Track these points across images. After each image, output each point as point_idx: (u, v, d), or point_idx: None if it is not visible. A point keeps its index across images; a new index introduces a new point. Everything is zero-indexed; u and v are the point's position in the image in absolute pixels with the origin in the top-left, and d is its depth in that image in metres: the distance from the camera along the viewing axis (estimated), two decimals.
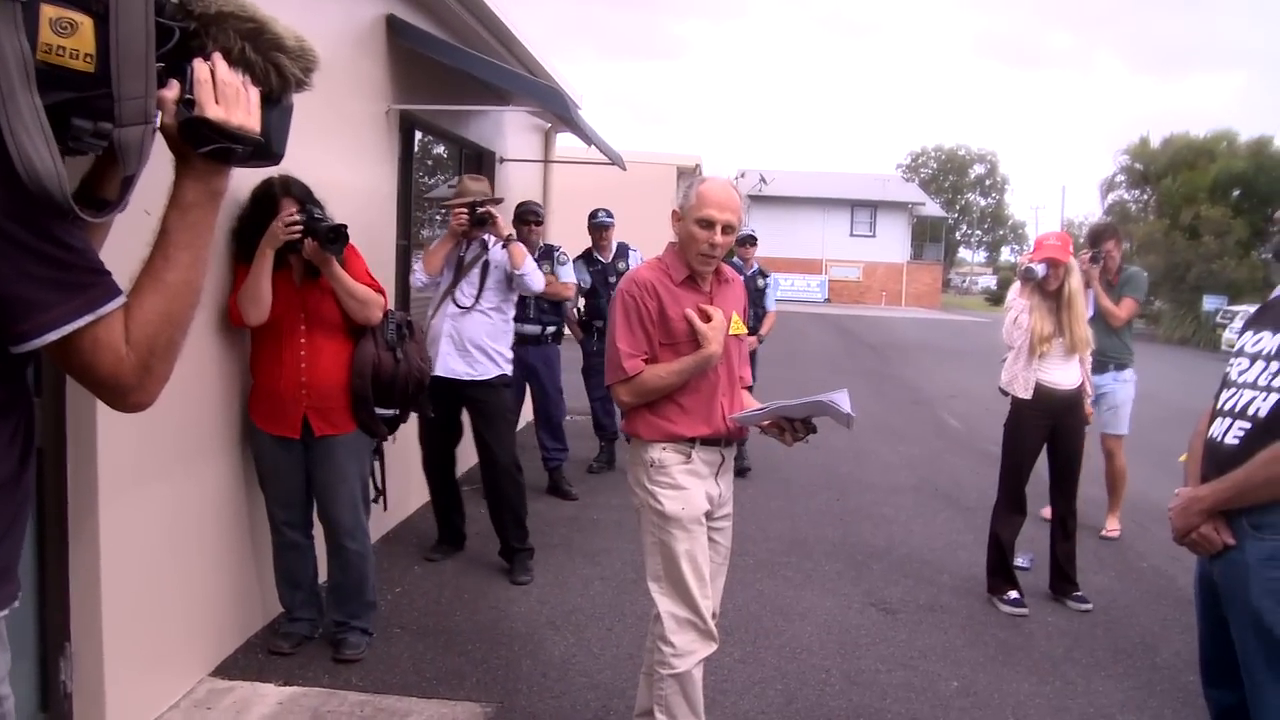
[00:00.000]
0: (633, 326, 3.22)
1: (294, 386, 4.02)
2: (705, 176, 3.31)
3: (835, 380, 13.96)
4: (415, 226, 6.81)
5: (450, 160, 7.78)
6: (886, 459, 9.20)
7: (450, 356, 5.40)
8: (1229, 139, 34.86)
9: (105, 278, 1.35)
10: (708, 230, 3.17)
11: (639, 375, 3.20)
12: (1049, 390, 5.29)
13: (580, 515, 6.68)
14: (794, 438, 3.20)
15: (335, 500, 4.16)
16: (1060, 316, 5.26)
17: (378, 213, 5.60)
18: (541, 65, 8.09)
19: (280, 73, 1.48)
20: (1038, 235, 5.53)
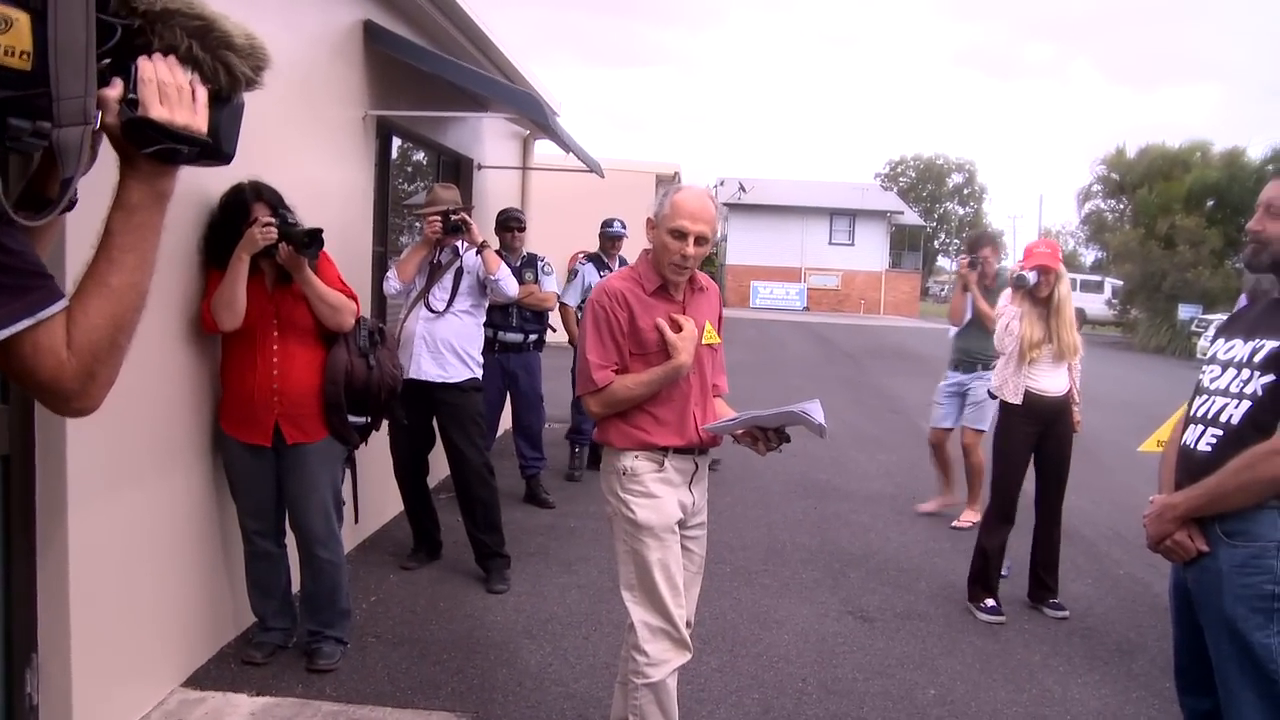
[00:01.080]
0: (603, 337, 3.21)
1: (266, 393, 3.99)
2: (681, 185, 3.32)
3: (813, 389, 14.01)
4: (392, 233, 6.78)
5: (429, 167, 7.76)
6: (864, 467, 9.21)
7: (423, 358, 5.42)
8: (1203, 150, 35.12)
9: (46, 281, 1.32)
10: (680, 241, 3.16)
11: (609, 387, 3.20)
12: (1037, 397, 5.36)
13: (557, 524, 6.66)
14: (767, 447, 3.20)
15: (307, 509, 4.12)
16: (1050, 323, 5.35)
17: (354, 219, 5.58)
18: (519, 72, 8.09)
19: (230, 71, 1.45)
20: (1027, 244, 5.71)
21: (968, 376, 7.03)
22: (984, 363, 6.89)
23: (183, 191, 3.69)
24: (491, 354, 6.95)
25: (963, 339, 7.10)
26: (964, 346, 7.08)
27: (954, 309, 7.12)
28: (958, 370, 7.14)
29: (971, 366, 7.02)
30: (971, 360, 7.00)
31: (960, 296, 7.07)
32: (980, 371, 6.93)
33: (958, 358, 7.14)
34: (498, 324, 6.91)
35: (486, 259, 5.45)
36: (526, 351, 7.09)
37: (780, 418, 3.09)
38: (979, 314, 6.87)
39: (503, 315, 6.92)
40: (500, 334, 6.94)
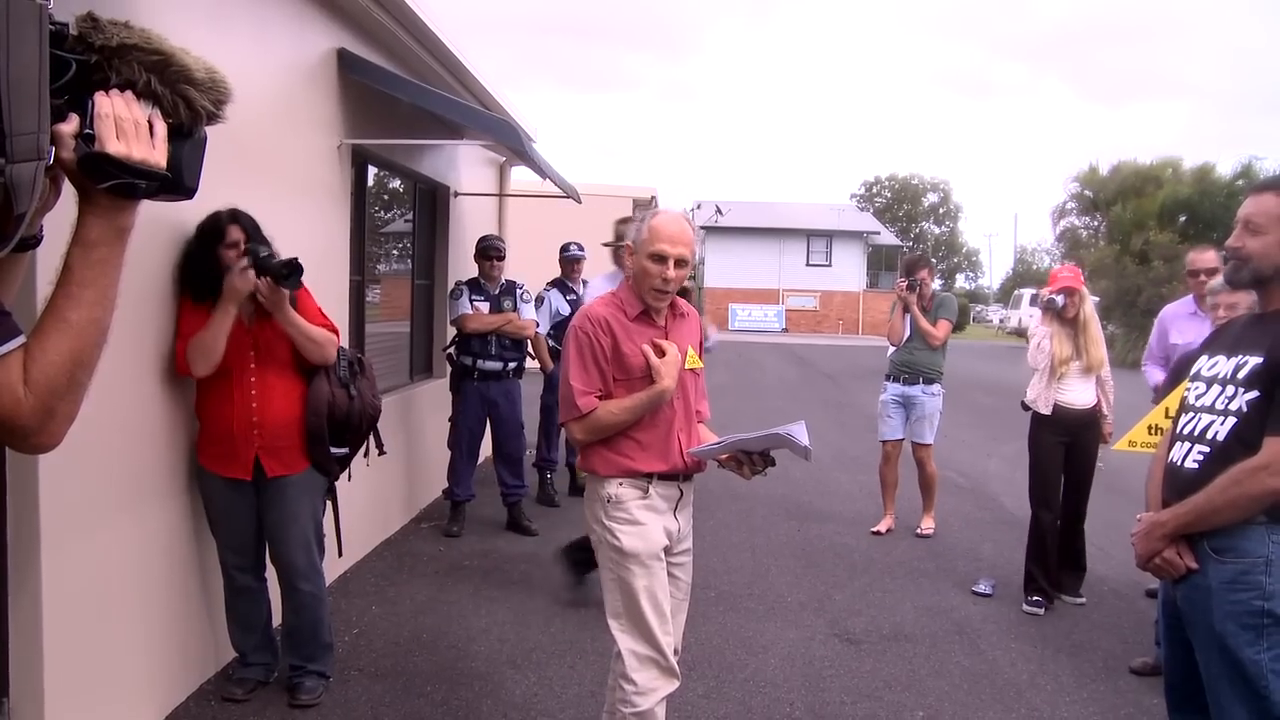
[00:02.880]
0: (586, 363, 3.22)
1: (245, 427, 3.95)
2: (657, 210, 3.34)
3: (794, 410, 13.99)
4: (370, 261, 6.75)
5: (405, 194, 7.74)
6: (847, 489, 9.21)
7: None
8: (1174, 166, 35.71)
9: (3, 319, 1.31)
10: (660, 265, 3.18)
11: (592, 413, 3.20)
12: (1065, 409, 5.81)
13: (540, 551, 6.61)
14: (752, 471, 3.20)
15: (288, 541, 4.07)
16: (1078, 340, 5.82)
17: (331, 248, 5.55)
18: (495, 98, 8.10)
19: (190, 105, 1.43)
20: (1052, 270, 6.24)
21: (911, 388, 7.31)
22: (927, 376, 7.28)
23: (158, 221, 3.69)
24: (471, 382, 6.95)
25: (905, 354, 7.37)
26: (907, 360, 7.35)
27: (893, 330, 7.42)
28: (898, 381, 7.39)
29: (914, 380, 7.30)
30: (914, 373, 7.29)
31: (900, 318, 7.35)
32: (923, 385, 7.28)
33: (899, 371, 7.40)
34: (477, 352, 6.93)
35: None
36: (506, 379, 7.08)
37: (765, 440, 3.09)
38: (920, 331, 7.22)
39: (481, 344, 6.92)
40: (479, 362, 6.94)
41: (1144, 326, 31.46)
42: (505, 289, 7.09)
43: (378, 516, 6.58)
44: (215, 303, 3.86)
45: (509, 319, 6.96)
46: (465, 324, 6.90)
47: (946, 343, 7.31)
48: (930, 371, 7.27)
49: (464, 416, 7.04)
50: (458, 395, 7.08)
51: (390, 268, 7.78)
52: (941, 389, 7.35)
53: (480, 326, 6.89)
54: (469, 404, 7.01)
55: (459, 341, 7.04)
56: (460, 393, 7.05)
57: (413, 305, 7.79)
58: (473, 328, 6.89)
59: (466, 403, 7.01)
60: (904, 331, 7.31)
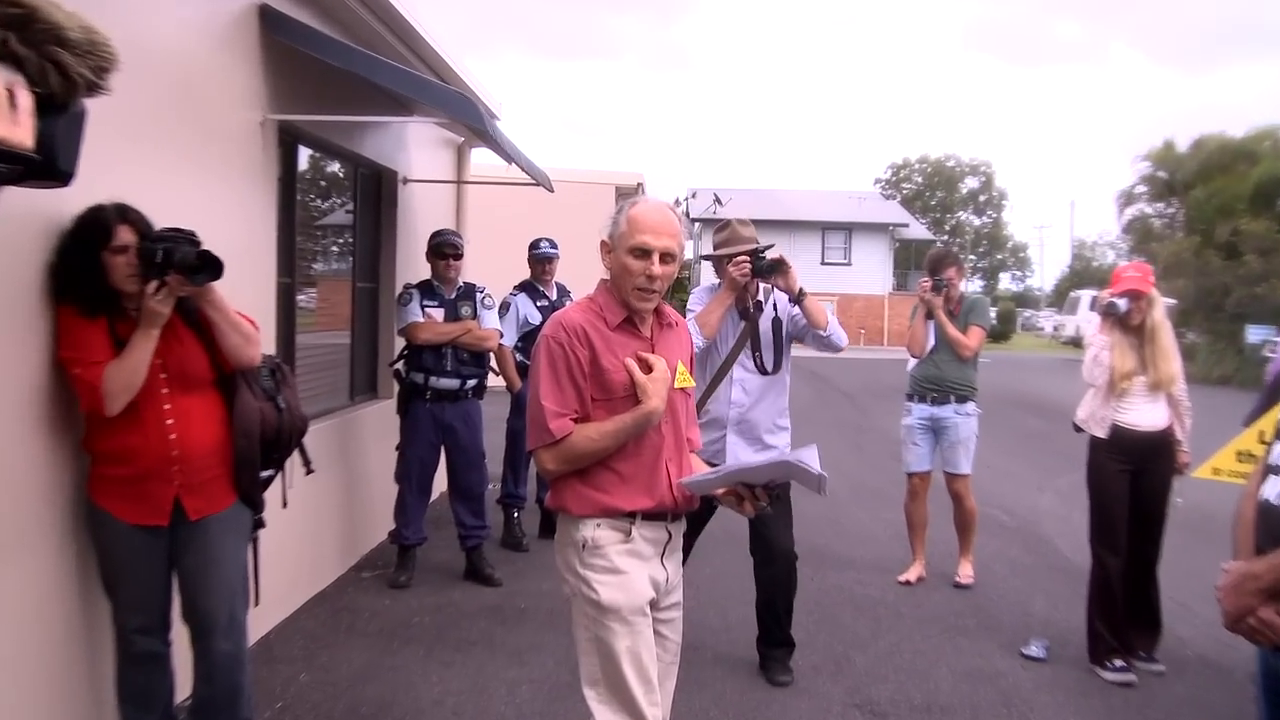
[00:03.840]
0: (560, 380, 3.21)
1: (162, 463, 3.83)
2: (637, 199, 3.35)
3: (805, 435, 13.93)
4: (303, 260, 6.73)
5: (345, 180, 7.73)
6: (869, 528, 9.21)
7: (740, 449, 5.54)
8: (1272, 137, 33.39)
9: None
10: (643, 260, 3.19)
11: (566, 438, 3.19)
12: (1127, 431, 5.76)
13: (504, 604, 6.58)
14: (755, 506, 3.18)
15: (209, 589, 4.00)
16: (1144, 352, 5.76)
17: (252, 245, 5.51)
18: (451, 68, 8.09)
19: (63, 72, 1.37)
20: (1115, 270, 6.16)
21: (940, 409, 7.28)
22: (959, 394, 7.25)
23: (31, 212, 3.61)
24: (422, 403, 6.93)
25: (929, 368, 7.33)
26: (933, 375, 7.30)
27: (914, 338, 7.37)
28: (924, 401, 7.35)
29: (943, 398, 7.26)
30: (942, 390, 7.26)
31: (922, 324, 7.33)
32: (955, 405, 7.26)
33: (924, 388, 7.35)
34: (429, 368, 6.90)
35: (811, 310, 5.52)
36: (464, 400, 7.05)
37: (770, 470, 3.08)
38: (948, 341, 7.20)
39: (435, 358, 6.90)
40: (432, 380, 6.91)
41: (1232, 334, 30.38)
42: (463, 293, 7.08)
43: (309, 564, 6.54)
44: (111, 317, 3.78)
45: (467, 328, 6.94)
46: (415, 334, 6.88)
47: (979, 354, 7.31)
48: (962, 388, 7.24)
49: (414, 444, 7.01)
50: (407, 419, 7.05)
51: (327, 268, 7.75)
52: (977, 409, 7.34)
53: (433, 337, 6.87)
54: (420, 429, 6.98)
55: (408, 355, 7.01)
56: (410, 416, 7.02)
57: (354, 312, 7.77)
58: (424, 338, 6.86)
59: (417, 428, 6.98)
60: (928, 341, 7.29)
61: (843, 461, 12.59)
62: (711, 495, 3.28)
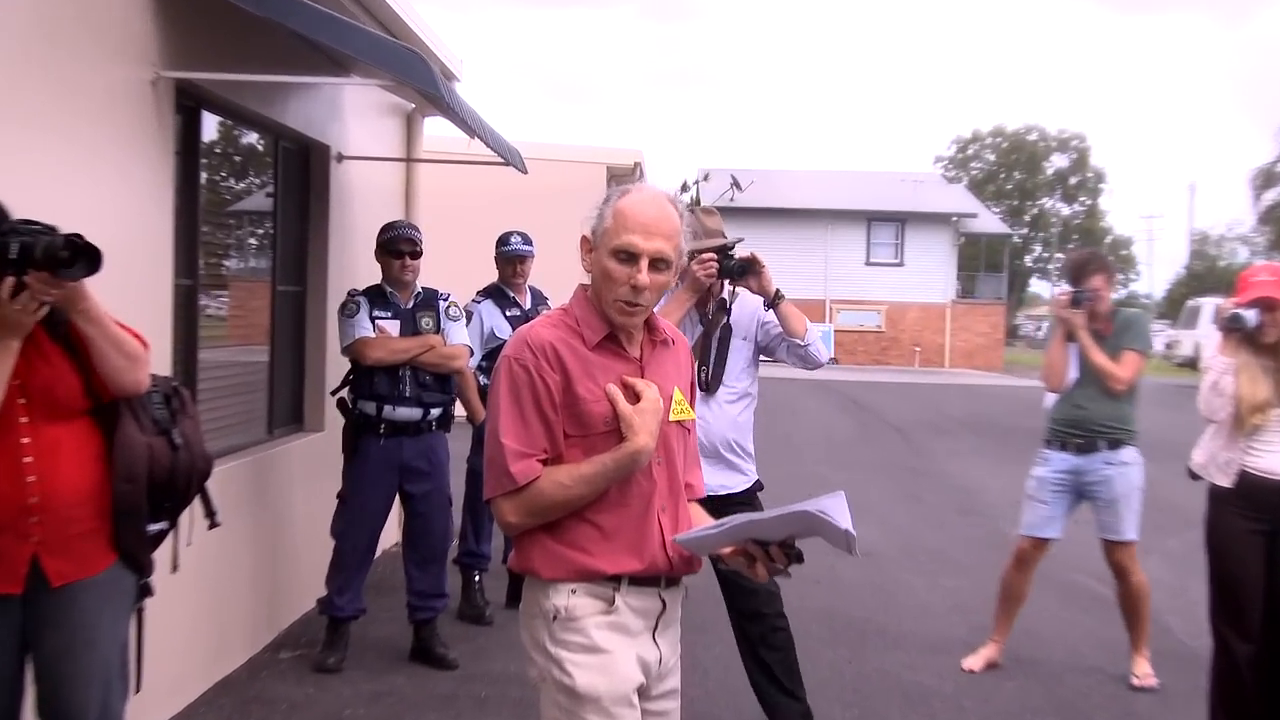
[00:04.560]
0: (525, 412, 3.20)
1: (16, 513, 3.77)
2: (629, 186, 3.35)
3: (841, 479, 13.96)
4: (209, 255, 6.76)
5: (264, 155, 7.73)
6: (923, 598, 9.20)
7: None
8: None
9: None
10: (628, 265, 3.18)
11: (533, 484, 3.17)
12: (1260, 479, 5.65)
13: (461, 692, 6.58)
14: (771, 569, 3.17)
15: (76, 677, 3.96)
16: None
17: (141, 236, 5.50)
18: (401, 17, 8.11)
19: None
20: (1242, 272, 6.10)
21: (1085, 459, 7.07)
22: (1111, 438, 7.02)
23: None
24: (374, 440, 6.90)
25: (1071, 406, 7.11)
26: (1076, 416, 7.08)
27: (1051, 365, 7.15)
28: (1065, 449, 7.12)
29: (1091, 444, 7.05)
30: (1090, 435, 7.04)
31: (1060, 347, 7.11)
32: (1106, 451, 7.03)
33: (1065, 432, 7.13)
34: (384, 395, 6.86)
35: (787, 315, 5.69)
36: (427, 433, 7.05)
37: (787, 523, 3.06)
38: (1095, 370, 6.98)
39: (390, 382, 6.86)
40: (387, 410, 6.86)
41: None
42: (423, 300, 7.08)
43: (210, 643, 6.50)
44: None
45: (430, 344, 6.93)
46: (365, 353, 6.81)
47: (1138, 386, 7.09)
48: (1114, 430, 7.02)
49: (362, 491, 6.94)
50: (354, 460, 6.98)
51: (240, 266, 7.76)
52: (1138, 456, 7.12)
53: (388, 356, 6.82)
54: (372, 473, 6.93)
55: (355, 379, 6.99)
56: (358, 456, 6.95)
57: (273, 323, 7.77)
58: (376, 358, 6.80)
59: (368, 471, 6.93)
60: (1068, 371, 7.09)
61: (892, 513, 12.58)
62: (716, 555, 3.27)
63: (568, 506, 3.19)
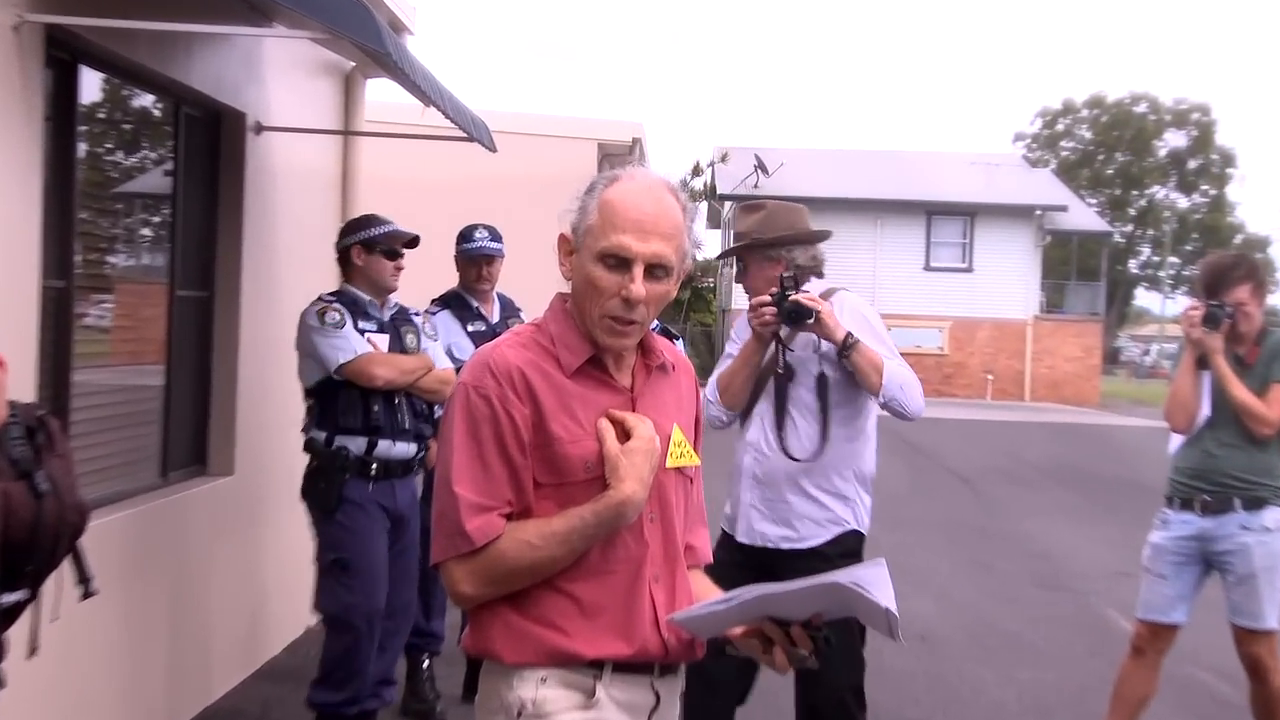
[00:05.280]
0: (484, 454, 3.18)
1: None
2: (619, 172, 3.32)
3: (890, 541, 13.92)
4: (89, 250, 6.76)
5: (160, 127, 7.73)
6: (993, 695, 9.21)
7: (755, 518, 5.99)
8: None
9: None
10: (618, 273, 3.15)
11: (493, 545, 3.14)
12: None
13: None
14: (791, 656, 3.16)
15: None
16: None
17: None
18: None
19: None
20: None
21: (1216, 521, 6.91)
22: (1251, 496, 6.86)
23: None
24: (364, 485, 6.92)
25: (1201, 453, 6.99)
26: (1207, 467, 6.95)
27: (1178, 398, 7.02)
28: (1190, 508, 6.98)
29: (1224, 502, 6.90)
30: (1223, 490, 6.89)
31: (1189, 377, 6.97)
32: (1243, 512, 6.87)
33: (1192, 486, 6.99)
34: (379, 427, 6.91)
35: (858, 368, 5.80)
36: (413, 473, 7.21)
37: (814, 597, 3.06)
38: (1236, 407, 6.84)
39: (388, 410, 6.94)
40: (383, 445, 6.92)
41: None
42: (398, 314, 7.21)
43: None
44: None
45: (428, 364, 7.06)
46: (375, 373, 6.85)
47: None
48: (1258, 486, 6.84)
49: (369, 551, 6.96)
50: (342, 511, 6.95)
51: (130, 264, 7.75)
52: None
53: (400, 378, 6.92)
54: (372, 524, 6.97)
55: (331, 409, 6.98)
56: (349, 505, 6.94)
57: (171, 337, 7.74)
58: (388, 380, 6.88)
59: (366, 521, 6.95)
60: (1199, 407, 6.94)
61: (953, 585, 12.57)
62: (723, 637, 3.24)
63: (537, 573, 3.16)
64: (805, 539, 5.89)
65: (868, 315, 6.08)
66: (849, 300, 6.04)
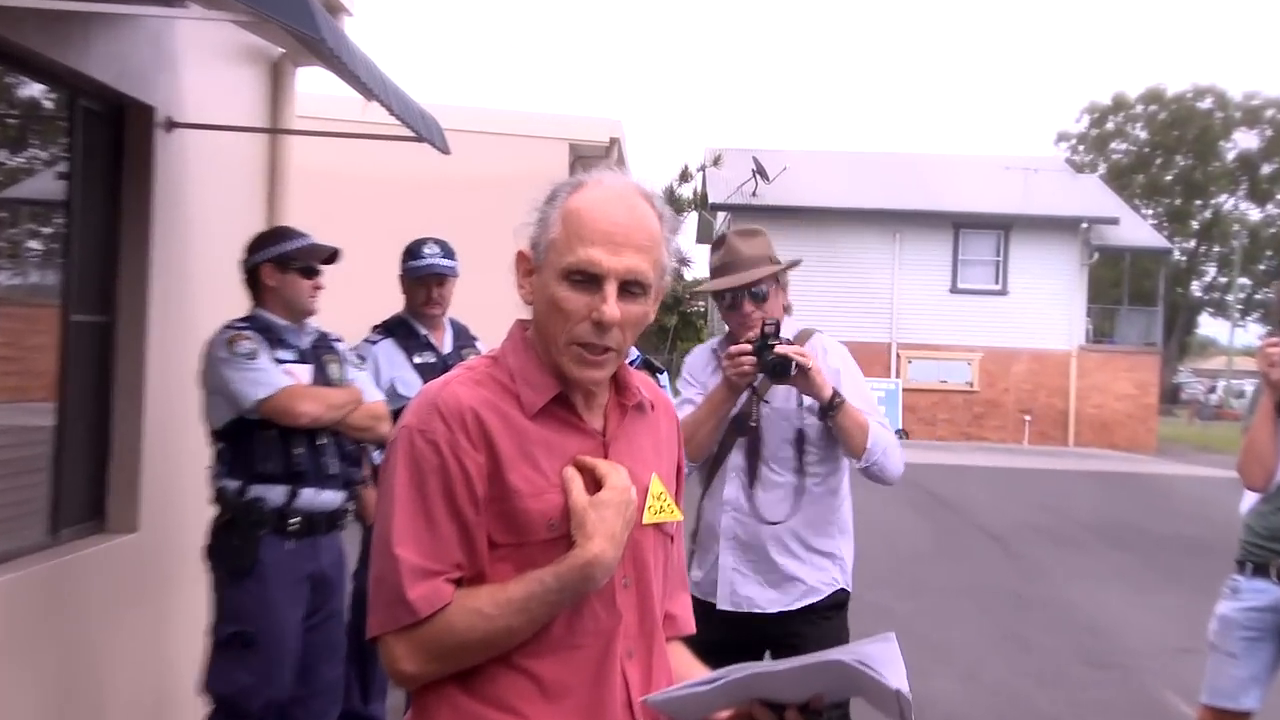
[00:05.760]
0: (431, 510, 3.16)
1: None
2: (585, 179, 3.32)
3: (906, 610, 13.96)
4: None
5: (57, 120, 7.73)
6: None
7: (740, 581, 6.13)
8: None
9: None
10: (587, 292, 3.15)
11: (440, 615, 3.12)
12: None
13: None
14: None
15: None
16: None
17: None
18: None
19: None
20: None
21: None
22: None
23: None
24: (280, 542, 6.90)
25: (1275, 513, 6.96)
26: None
27: (1254, 450, 6.92)
28: (1266, 575, 6.95)
29: None
30: None
31: (1268, 424, 6.87)
32: None
33: (1268, 549, 6.96)
34: (302, 471, 6.89)
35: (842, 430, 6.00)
36: (339, 529, 7.21)
37: (813, 676, 3.08)
38: None
39: (311, 453, 6.92)
40: (305, 495, 6.90)
41: None
42: (318, 341, 7.21)
43: None
44: None
45: (357, 397, 7.07)
46: (298, 409, 6.83)
47: None
48: None
49: (276, 624, 6.93)
50: (252, 575, 6.92)
51: (14, 282, 7.73)
52: None
53: (326, 414, 6.91)
54: (283, 593, 6.95)
55: (243, 454, 6.96)
56: (260, 569, 6.91)
57: (64, 369, 7.74)
58: (313, 416, 6.86)
59: (275, 590, 6.93)
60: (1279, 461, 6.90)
61: (984, 663, 12.59)
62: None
63: (490, 647, 3.14)
64: (796, 601, 6.07)
65: (846, 363, 6.32)
66: (827, 346, 6.31)
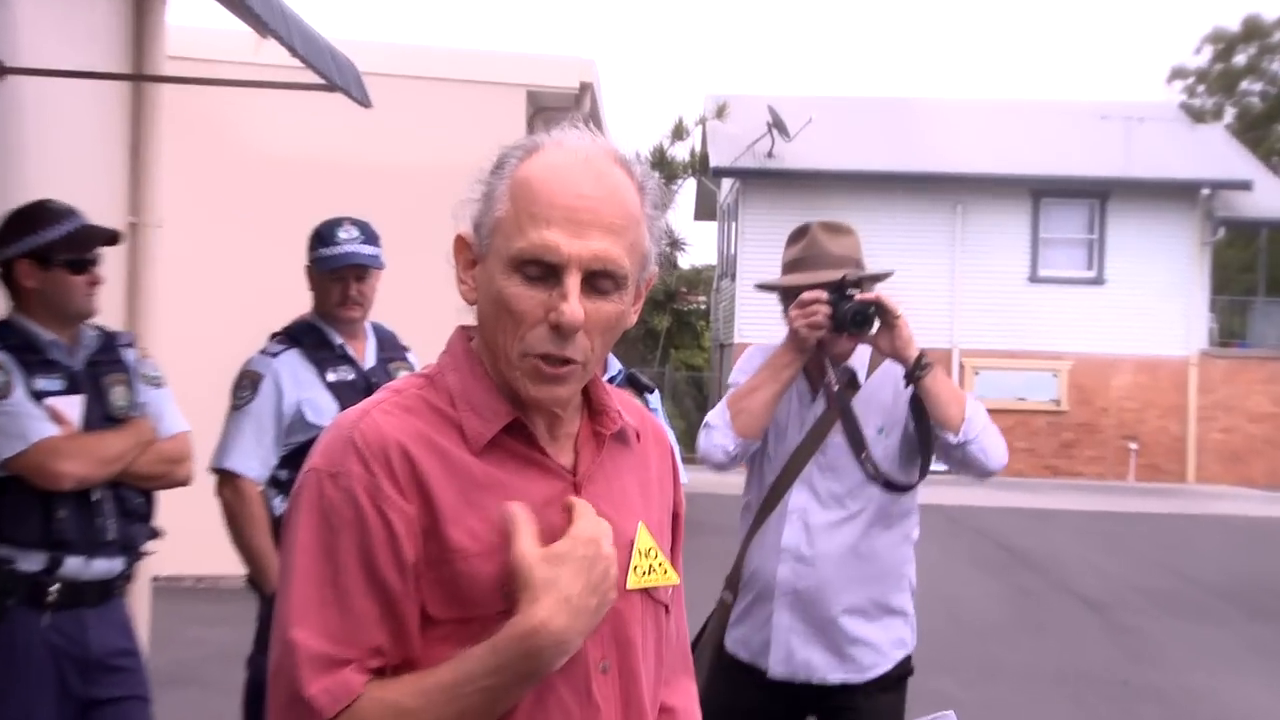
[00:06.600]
0: (341, 578, 3.10)
1: None
2: (540, 137, 3.29)
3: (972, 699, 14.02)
4: None
5: None
6: None
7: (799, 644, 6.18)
8: None
9: None
10: (542, 287, 3.10)
11: (345, 713, 3.06)
12: None
13: None
14: None
15: None
16: None
17: None
18: None
19: None
20: None
21: None
22: None
23: None
24: (35, 617, 6.87)
25: None
26: None
27: None
28: None
29: None
30: None
31: None
32: None
33: None
34: (68, 539, 6.80)
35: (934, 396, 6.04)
36: (113, 597, 7.13)
37: None
38: None
39: (80, 515, 6.83)
40: (71, 564, 6.83)
41: None
42: (100, 349, 7.14)
43: None
44: None
45: (143, 438, 7.04)
46: (61, 470, 6.72)
47: None
48: None
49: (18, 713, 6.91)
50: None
51: None
52: None
53: (98, 472, 6.84)
54: (29, 684, 6.93)
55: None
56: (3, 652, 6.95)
57: None
58: (81, 477, 6.78)
59: (21, 681, 6.91)
60: None
61: None
62: None
63: None
64: (866, 670, 6.17)
65: None
66: None
